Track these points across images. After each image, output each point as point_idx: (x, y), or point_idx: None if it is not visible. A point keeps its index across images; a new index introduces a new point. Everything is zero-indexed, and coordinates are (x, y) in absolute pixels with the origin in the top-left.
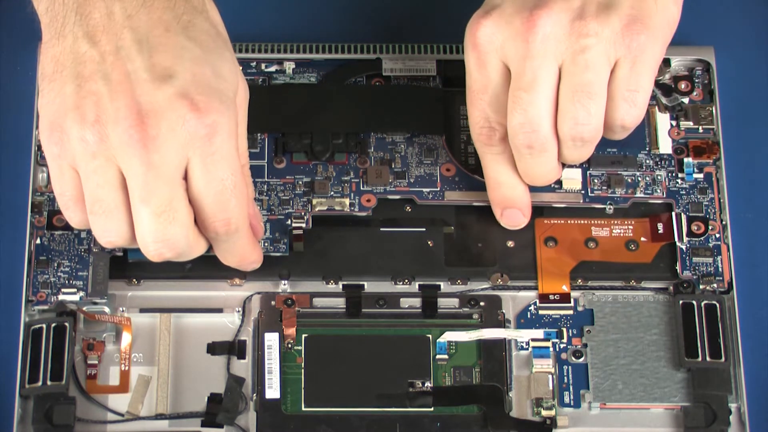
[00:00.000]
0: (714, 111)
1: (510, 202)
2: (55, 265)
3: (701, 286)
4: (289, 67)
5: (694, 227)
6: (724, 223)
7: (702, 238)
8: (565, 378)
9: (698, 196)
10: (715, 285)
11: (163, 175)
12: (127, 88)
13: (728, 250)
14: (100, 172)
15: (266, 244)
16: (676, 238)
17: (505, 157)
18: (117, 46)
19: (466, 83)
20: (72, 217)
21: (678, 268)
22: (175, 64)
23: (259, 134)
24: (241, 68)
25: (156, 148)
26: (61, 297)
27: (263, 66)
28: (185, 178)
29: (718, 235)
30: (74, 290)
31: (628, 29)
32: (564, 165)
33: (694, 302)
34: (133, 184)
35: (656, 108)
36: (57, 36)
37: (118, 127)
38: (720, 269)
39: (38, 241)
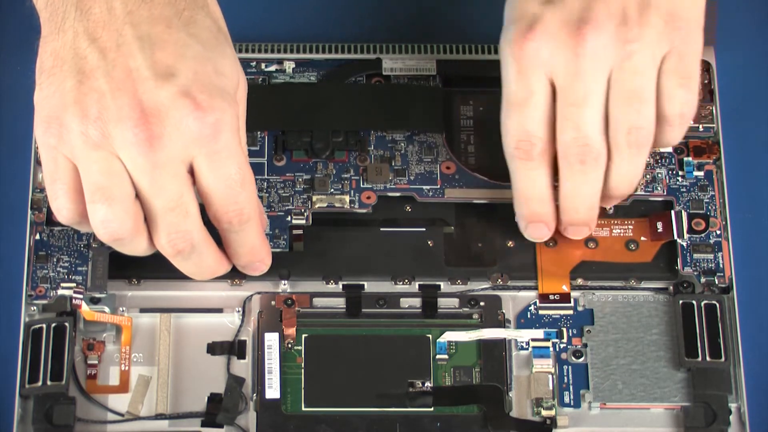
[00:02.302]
0: (714, 111)
1: (537, 217)
2: (55, 260)
3: (702, 280)
4: (289, 66)
5: (694, 224)
6: (724, 223)
7: (703, 235)
8: (565, 378)
9: (699, 194)
10: (716, 281)
11: (171, 172)
12: (129, 86)
13: (729, 246)
14: (102, 162)
15: None
16: (676, 235)
17: (540, 173)
18: (118, 43)
19: (503, 94)
20: (61, 209)
21: (678, 264)
22: (177, 61)
23: (258, 132)
24: (240, 64)
25: (162, 146)
26: (60, 292)
27: (263, 65)
28: (191, 172)
29: (719, 232)
30: (73, 285)
31: (669, 26)
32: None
33: (694, 302)
34: (142, 182)
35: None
36: (57, 31)
37: (121, 126)
38: (721, 265)
39: (37, 236)
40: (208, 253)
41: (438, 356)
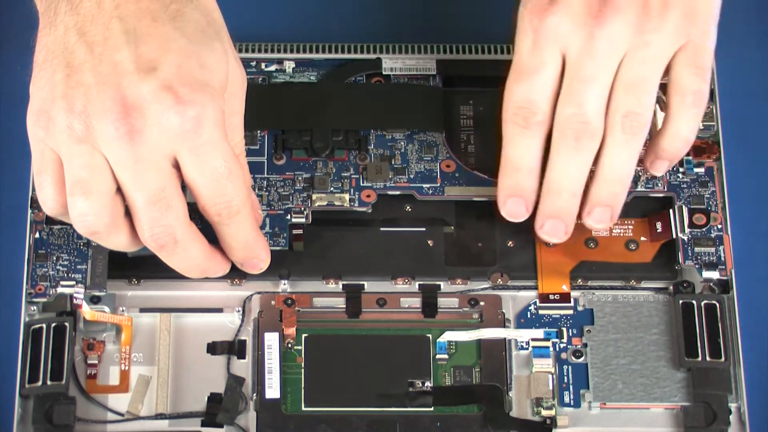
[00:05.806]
0: (714, 110)
1: (519, 191)
2: (54, 258)
3: (703, 273)
4: (289, 66)
5: (695, 219)
6: (724, 222)
7: (704, 229)
8: (565, 378)
9: (699, 189)
10: (717, 274)
11: (153, 166)
12: (114, 80)
13: (729, 240)
14: (83, 155)
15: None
16: (678, 231)
17: (533, 143)
18: (105, 37)
19: (513, 60)
20: (46, 200)
21: (680, 258)
22: (160, 55)
23: (258, 131)
24: (238, 57)
25: (142, 140)
26: (59, 290)
27: (263, 65)
28: (177, 167)
29: (720, 226)
30: (73, 283)
31: (688, 20)
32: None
33: (694, 302)
34: (124, 176)
35: (657, 105)
36: (49, 25)
37: (104, 120)
38: (723, 259)
39: (37, 235)
40: (195, 248)
41: (438, 356)
